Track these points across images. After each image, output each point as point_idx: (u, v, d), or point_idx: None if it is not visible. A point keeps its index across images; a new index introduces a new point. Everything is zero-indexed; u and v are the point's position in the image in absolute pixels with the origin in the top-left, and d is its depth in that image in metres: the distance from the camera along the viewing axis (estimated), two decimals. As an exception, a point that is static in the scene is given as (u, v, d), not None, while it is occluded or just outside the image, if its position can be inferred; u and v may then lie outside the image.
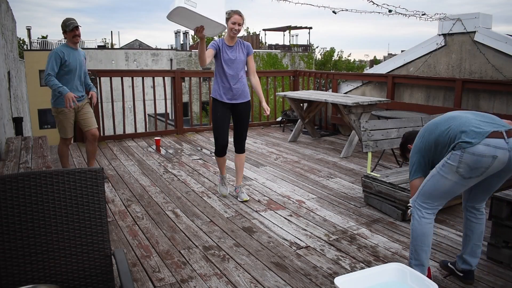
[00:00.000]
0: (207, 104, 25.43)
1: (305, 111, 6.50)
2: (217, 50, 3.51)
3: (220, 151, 3.76)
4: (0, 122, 4.66)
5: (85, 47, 29.72)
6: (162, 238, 3.04)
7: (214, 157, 5.27)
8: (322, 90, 7.77)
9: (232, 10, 3.47)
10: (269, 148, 5.99)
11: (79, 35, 3.90)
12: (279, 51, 32.25)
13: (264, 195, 3.99)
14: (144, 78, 6.62)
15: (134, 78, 6.59)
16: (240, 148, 3.87)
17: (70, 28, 3.82)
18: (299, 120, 6.48)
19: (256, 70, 3.79)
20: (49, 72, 3.75)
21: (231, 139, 3.88)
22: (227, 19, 3.40)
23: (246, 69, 3.75)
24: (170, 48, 34.70)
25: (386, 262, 2.65)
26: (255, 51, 31.06)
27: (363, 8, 6.84)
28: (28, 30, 32.58)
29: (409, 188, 3.27)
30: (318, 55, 35.43)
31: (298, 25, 36.36)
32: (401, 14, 5.86)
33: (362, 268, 2.63)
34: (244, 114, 3.76)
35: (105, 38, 46.07)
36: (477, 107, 5.37)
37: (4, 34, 6.38)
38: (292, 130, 6.79)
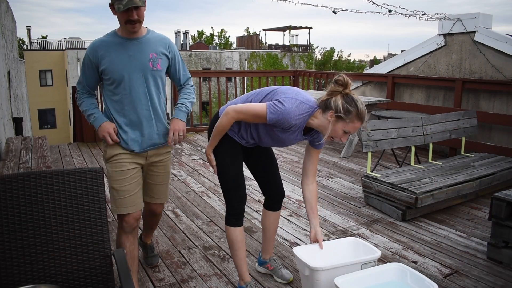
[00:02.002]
0: (207, 104, 25.46)
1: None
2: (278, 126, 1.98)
3: (238, 216, 2.22)
4: (0, 122, 4.66)
5: (85, 47, 29.74)
6: (162, 238, 3.04)
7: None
8: (322, 90, 7.77)
9: (356, 104, 1.87)
10: (269, 148, 5.98)
11: (139, 20, 1.99)
12: (279, 51, 32.27)
13: (264, 195, 3.99)
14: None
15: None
16: (278, 201, 2.40)
17: (121, 8, 1.92)
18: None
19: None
20: (77, 84, 2.21)
21: None
22: (343, 115, 1.86)
23: (304, 168, 2.24)
24: (170, 48, 34.66)
25: (386, 262, 2.65)
26: (255, 51, 31.13)
27: (363, 8, 6.85)
28: (28, 30, 32.63)
29: (409, 188, 3.28)
30: (318, 55, 35.46)
31: (298, 25, 36.40)
32: (401, 14, 5.86)
33: (362, 268, 2.62)
34: (270, 148, 2.39)
35: (105, 38, 45.93)
36: (477, 107, 5.37)
37: (4, 34, 6.38)
38: (292, 130, 6.78)
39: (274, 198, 2.38)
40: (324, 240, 2.20)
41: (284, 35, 37.37)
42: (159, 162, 2.27)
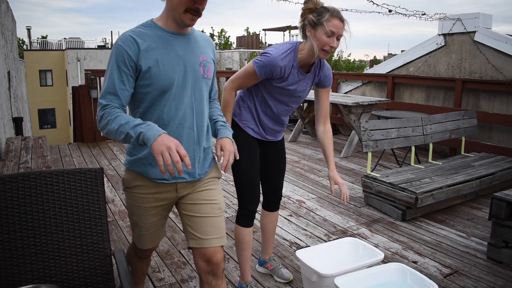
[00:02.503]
0: (207, 104, 25.41)
1: (305, 111, 6.50)
2: (272, 77, 1.99)
3: (249, 217, 2.18)
4: (0, 122, 4.66)
5: (85, 47, 29.73)
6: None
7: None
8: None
9: (326, 8, 1.87)
10: (269, 148, 5.98)
11: (201, 14, 1.51)
12: (279, 51, 32.13)
13: (264, 195, 3.99)
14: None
15: (134, 78, 6.58)
16: (275, 202, 2.39)
17: None
18: (299, 120, 6.48)
19: None
20: (100, 98, 1.49)
21: None
22: (318, 21, 1.86)
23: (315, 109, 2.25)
24: (170, 48, 34.66)
25: (386, 262, 2.65)
26: (255, 51, 31.09)
27: (363, 8, 6.85)
28: (28, 30, 32.65)
29: (409, 188, 3.28)
30: (318, 55, 35.34)
31: (298, 25, 36.32)
32: (401, 14, 5.87)
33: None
34: (283, 151, 2.35)
35: (105, 38, 46.13)
36: (477, 107, 5.37)
37: (4, 34, 6.38)
38: (292, 130, 6.79)
39: (270, 199, 2.38)
40: (324, 241, 2.20)
41: (284, 35, 37.37)
42: (200, 187, 1.66)
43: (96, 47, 31.16)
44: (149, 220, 1.68)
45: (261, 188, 2.38)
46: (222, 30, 48.09)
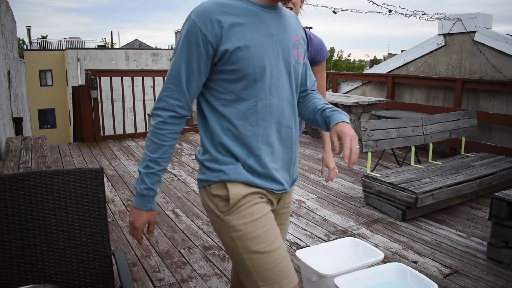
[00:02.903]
0: (207, 104, 25.41)
1: (305, 111, 6.49)
2: None
3: None
4: (0, 122, 4.66)
5: (85, 47, 29.72)
6: (162, 238, 3.04)
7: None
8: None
9: None
10: (269, 148, 5.97)
11: None
12: (279, 51, 32.19)
13: (264, 195, 3.99)
14: (144, 78, 6.62)
15: (134, 78, 6.59)
16: None
17: None
18: (299, 120, 6.47)
19: None
20: (162, 91, 1.22)
21: None
22: None
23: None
24: (170, 48, 34.71)
25: (386, 262, 2.65)
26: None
27: (363, 8, 6.85)
28: (28, 30, 32.65)
29: (409, 188, 3.28)
30: (318, 55, 35.32)
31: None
32: (401, 14, 5.87)
33: (362, 268, 2.62)
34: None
35: (105, 38, 46.12)
36: (477, 107, 5.38)
37: (4, 34, 6.38)
38: (292, 130, 6.78)
39: None
40: (324, 241, 2.19)
41: (284, 35, 37.29)
42: (286, 206, 1.43)
43: (96, 47, 31.18)
44: (276, 236, 1.25)
45: None
46: (222, 30, 48.01)
